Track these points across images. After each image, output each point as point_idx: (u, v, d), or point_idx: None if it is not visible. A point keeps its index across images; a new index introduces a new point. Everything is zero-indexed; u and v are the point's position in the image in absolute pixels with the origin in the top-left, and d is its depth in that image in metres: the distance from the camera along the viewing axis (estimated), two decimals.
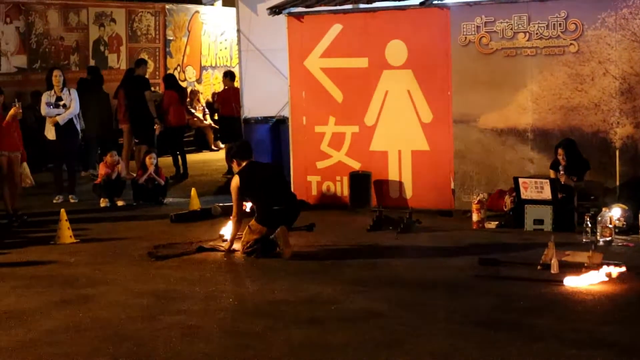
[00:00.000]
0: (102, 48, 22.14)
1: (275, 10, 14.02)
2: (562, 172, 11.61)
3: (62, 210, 11.79)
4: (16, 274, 10.00)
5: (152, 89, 17.00)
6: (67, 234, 11.63)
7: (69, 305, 8.62)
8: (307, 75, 13.74)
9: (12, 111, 13.08)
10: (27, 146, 13.90)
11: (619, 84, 11.88)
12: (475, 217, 11.63)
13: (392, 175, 13.19)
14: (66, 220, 11.66)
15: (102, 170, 14.62)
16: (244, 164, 10.83)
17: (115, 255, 10.80)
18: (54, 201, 14.61)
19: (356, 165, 13.41)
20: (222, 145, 20.28)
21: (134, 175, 15.10)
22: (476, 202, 11.67)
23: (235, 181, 10.71)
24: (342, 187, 13.55)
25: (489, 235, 11.19)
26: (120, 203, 14.42)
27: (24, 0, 20.66)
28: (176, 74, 22.75)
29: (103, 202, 14.39)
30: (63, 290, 9.17)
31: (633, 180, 11.72)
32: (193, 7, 24.50)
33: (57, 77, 14.79)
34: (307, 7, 13.82)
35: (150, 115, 16.89)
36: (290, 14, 13.88)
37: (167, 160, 17.40)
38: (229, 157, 11.13)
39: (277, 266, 9.98)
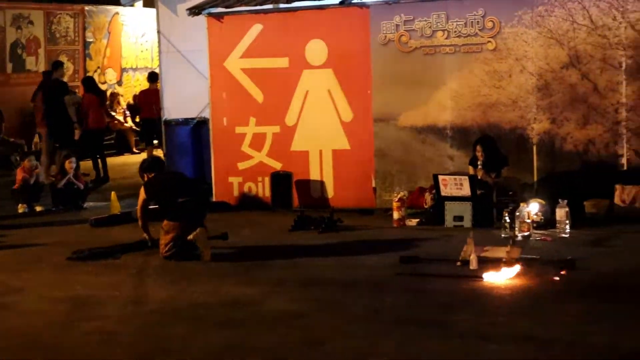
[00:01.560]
0: (19, 51, 21.75)
1: (194, 11, 13.93)
2: (480, 168, 11.72)
3: None
4: None
5: (72, 91, 16.72)
6: None
7: None
8: (228, 76, 13.67)
9: None
10: None
11: (536, 81, 12.03)
12: (396, 215, 11.67)
13: (314, 175, 13.19)
14: None
15: (19, 175, 14.37)
16: (151, 176, 10.86)
17: (33, 262, 10.61)
18: None
19: (277, 166, 13.38)
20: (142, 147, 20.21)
21: (53, 179, 14.87)
22: (397, 200, 11.72)
23: (141, 194, 10.78)
24: (263, 188, 13.51)
25: (410, 233, 11.23)
26: (38, 208, 14.18)
27: None
28: (96, 76, 22.46)
29: (21, 208, 14.14)
30: None
31: (550, 176, 11.89)
32: (113, 9, 24.20)
33: None
34: (226, 7, 13.75)
35: (69, 119, 16.67)
36: (210, 15, 13.80)
37: (87, 164, 17.19)
38: (140, 172, 11.10)
39: (198, 269, 9.90)
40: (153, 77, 17.89)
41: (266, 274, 9.54)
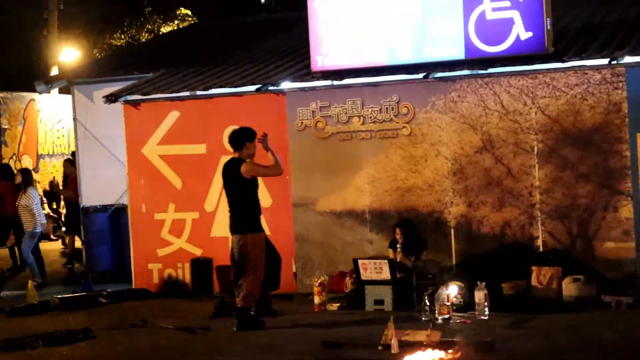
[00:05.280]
0: None
1: (111, 99, 13.97)
2: (399, 250, 11.85)
3: None
4: None
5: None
6: None
7: None
8: (146, 162, 13.70)
9: None
10: None
11: (451, 165, 12.28)
12: (317, 299, 11.70)
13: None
14: None
15: None
16: None
17: None
18: None
19: (198, 252, 13.37)
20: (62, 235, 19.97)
21: None
22: (317, 284, 11.75)
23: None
24: (184, 274, 13.47)
25: (331, 318, 11.25)
26: None
27: None
28: (12, 163, 22.23)
29: None
30: None
31: (468, 258, 12.07)
32: (28, 95, 24.08)
33: None
34: (143, 94, 13.83)
35: None
36: (126, 102, 13.86)
37: (3, 251, 16.92)
38: None
39: (119, 356, 9.81)
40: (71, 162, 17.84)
41: None
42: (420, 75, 12.45)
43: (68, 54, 28.62)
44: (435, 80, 12.41)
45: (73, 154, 18.00)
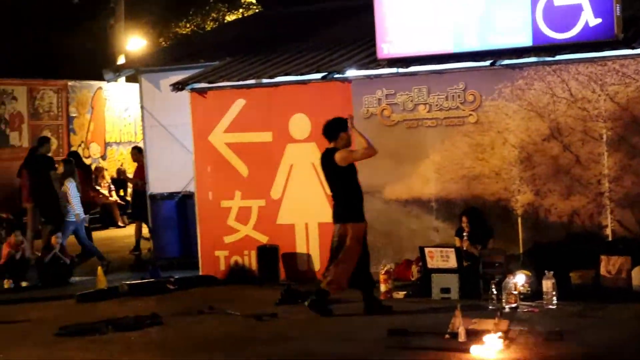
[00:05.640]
0: (3, 126, 21.84)
1: (178, 87, 14.06)
2: (466, 239, 11.80)
3: None
4: None
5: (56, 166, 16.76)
6: None
7: None
8: (212, 150, 13.78)
9: None
10: None
11: (518, 153, 12.17)
12: (383, 287, 11.70)
13: (300, 248, 13.24)
14: None
15: (5, 250, 14.37)
16: None
17: (21, 338, 10.59)
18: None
19: (264, 239, 13.43)
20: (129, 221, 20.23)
21: (39, 254, 14.85)
22: (383, 272, 11.75)
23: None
24: (250, 261, 13.54)
25: (397, 305, 11.24)
26: (24, 284, 14.16)
27: None
28: (80, 150, 22.54)
29: (7, 284, 14.11)
30: None
31: (535, 247, 11.95)
32: (96, 84, 24.37)
33: None
34: (209, 82, 13.90)
35: (56, 195, 16.66)
36: (193, 90, 13.94)
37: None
38: None
39: (187, 342, 9.90)
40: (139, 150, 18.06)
41: (254, 348, 9.53)
42: (487, 63, 12.35)
43: (134, 43, 28.87)
44: (502, 67, 12.31)
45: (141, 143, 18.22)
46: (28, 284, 14.19)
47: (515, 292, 10.65)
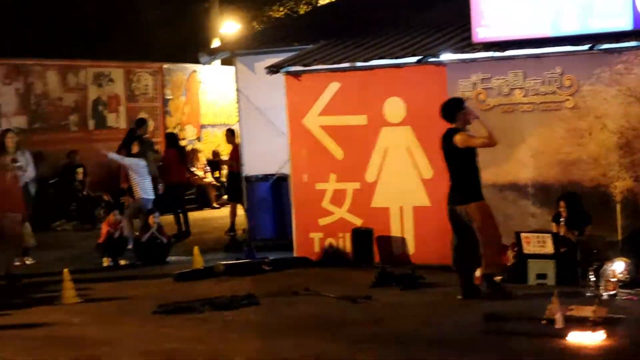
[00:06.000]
0: (101, 108, 22.29)
1: (273, 69, 14.17)
2: (562, 224, 11.67)
3: (66, 270, 11.81)
4: (21, 335, 10.03)
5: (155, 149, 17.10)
6: (71, 294, 11.65)
7: None
8: (307, 133, 13.87)
9: (11, 172, 13.22)
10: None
11: (617, 139, 11.98)
12: (478, 272, 11.63)
13: (395, 231, 13.26)
14: (70, 280, 11.69)
15: (104, 229, 14.69)
16: None
17: (120, 315, 10.84)
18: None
19: (358, 222, 13.48)
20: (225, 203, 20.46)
21: (137, 234, 15.15)
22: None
23: None
24: (344, 244, 13.59)
25: None
26: (122, 262, 14.46)
27: (23, 62, 20.85)
28: (176, 132, 22.87)
29: (106, 262, 14.43)
30: (68, 351, 9.21)
31: (635, 234, 11.76)
32: (190, 66, 24.70)
33: (11, 138, 14.71)
34: (304, 65, 13.97)
35: (154, 175, 16.95)
36: (288, 73, 14.04)
37: (169, 218, 17.45)
38: None
39: (282, 323, 10.01)
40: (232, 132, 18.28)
41: (349, 330, 9.60)
42: (585, 47, 12.17)
43: (228, 26, 29.15)
44: (601, 52, 12.12)
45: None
46: (126, 263, 14.48)
47: (614, 280, 10.53)
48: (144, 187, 15.70)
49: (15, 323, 10.62)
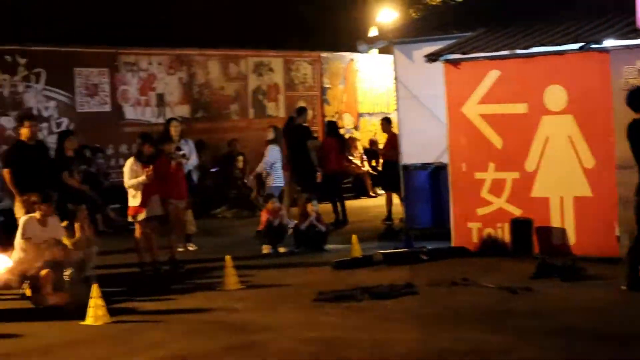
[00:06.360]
0: (260, 97, 22.70)
1: (432, 58, 14.12)
2: None
3: (228, 257, 12.07)
4: (185, 319, 10.33)
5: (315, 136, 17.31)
6: (233, 280, 11.91)
7: (237, 350, 8.86)
8: (465, 121, 13.77)
9: (176, 160, 13.63)
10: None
11: None
12: None
13: (554, 222, 13.03)
14: (232, 266, 11.95)
15: (264, 217, 14.95)
16: None
17: (281, 302, 11.01)
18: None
19: (517, 212, 13.31)
20: (380, 192, 20.52)
21: (296, 222, 15.36)
22: None
23: None
24: (503, 234, 13.45)
25: None
26: (282, 250, 14.70)
27: (186, 52, 21.41)
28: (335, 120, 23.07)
29: (265, 249, 14.70)
30: (231, 336, 9.41)
31: None
32: (348, 55, 24.86)
33: (175, 127, 15.09)
34: (463, 53, 13.88)
35: (312, 164, 17.17)
36: (447, 61, 13.96)
37: (326, 206, 17.62)
38: None
39: (441, 313, 10.00)
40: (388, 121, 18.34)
41: (510, 321, 9.51)
42: None
43: (386, 14, 29.18)
44: None
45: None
46: (285, 250, 14.71)
47: None
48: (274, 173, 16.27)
49: (180, 308, 10.94)
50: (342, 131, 23.05)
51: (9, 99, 18.19)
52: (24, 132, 13.27)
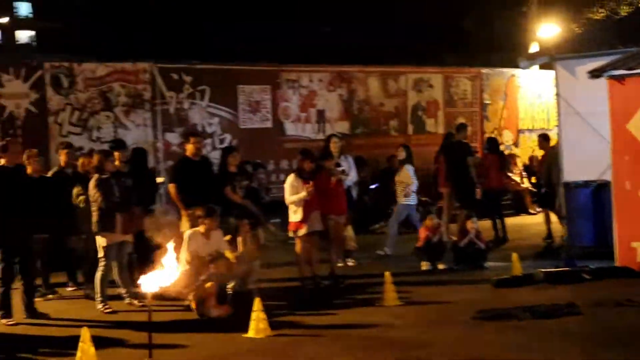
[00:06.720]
0: (420, 113, 22.73)
1: (595, 74, 13.86)
2: None
3: (387, 272, 12.12)
4: (344, 334, 10.42)
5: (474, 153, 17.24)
6: (392, 296, 11.95)
7: None
8: (630, 138, 13.45)
9: (336, 176, 13.79)
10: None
11: None
12: None
13: None
14: (391, 282, 12.00)
15: (422, 233, 14.95)
16: None
17: (439, 319, 10.99)
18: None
19: None
20: (538, 209, 20.23)
21: (454, 238, 15.30)
22: None
23: None
24: None
25: None
26: (441, 266, 14.66)
27: (346, 69, 21.65)
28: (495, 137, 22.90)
29: (424, 266, 14.69)
30: (390, 353, 9.44)
31: None
32: (509, 71, 24.64)
33: (335, 143, 15.20)
34: (628, 69, 13.57)
35: (472, 180, 17.07)
36: (611, 77, 13.68)
37: (485, 223, 17.48)
38: None
39: (606, 334, 9.79)
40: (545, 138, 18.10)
41: None
42: None
43: (547, 29, 28.79)
44: None
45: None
46: (444, 267, 14.67)
47: None
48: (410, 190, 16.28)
49: (339, 323, 11.04)
50: (501, 147, 22.84)
51: (174, 116, 18.78)
52: (189, 148, 13.70)
